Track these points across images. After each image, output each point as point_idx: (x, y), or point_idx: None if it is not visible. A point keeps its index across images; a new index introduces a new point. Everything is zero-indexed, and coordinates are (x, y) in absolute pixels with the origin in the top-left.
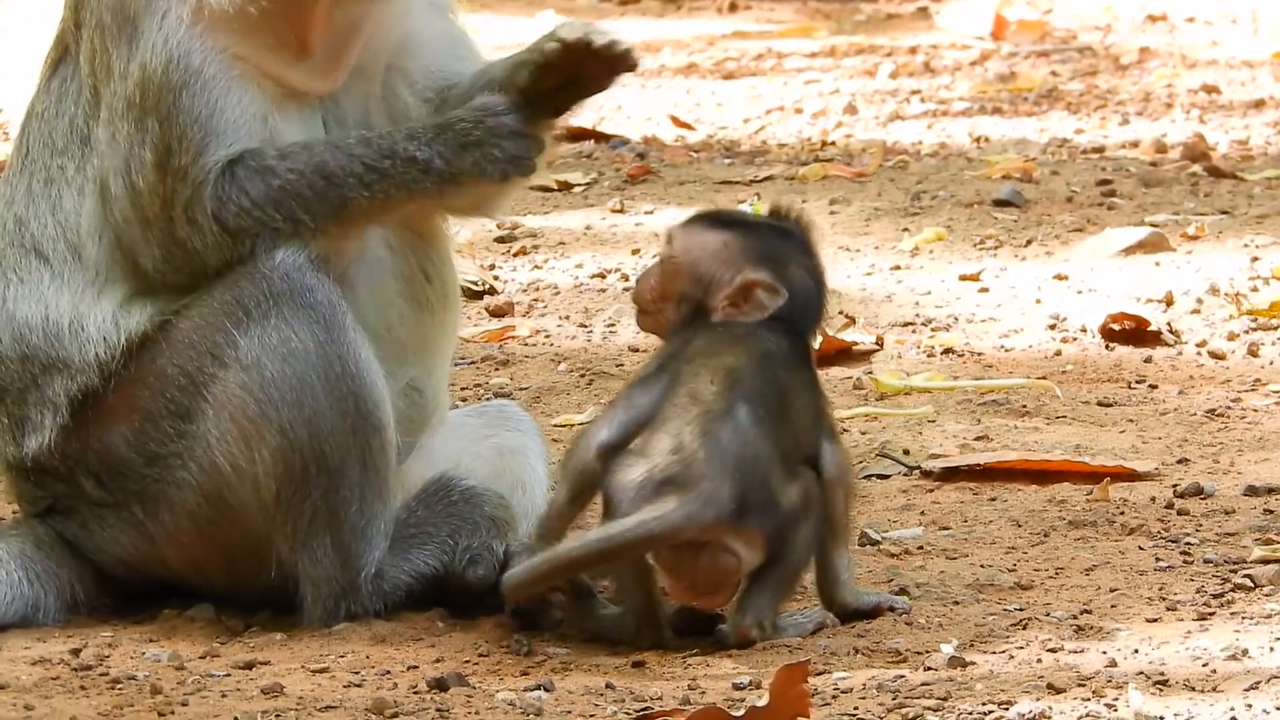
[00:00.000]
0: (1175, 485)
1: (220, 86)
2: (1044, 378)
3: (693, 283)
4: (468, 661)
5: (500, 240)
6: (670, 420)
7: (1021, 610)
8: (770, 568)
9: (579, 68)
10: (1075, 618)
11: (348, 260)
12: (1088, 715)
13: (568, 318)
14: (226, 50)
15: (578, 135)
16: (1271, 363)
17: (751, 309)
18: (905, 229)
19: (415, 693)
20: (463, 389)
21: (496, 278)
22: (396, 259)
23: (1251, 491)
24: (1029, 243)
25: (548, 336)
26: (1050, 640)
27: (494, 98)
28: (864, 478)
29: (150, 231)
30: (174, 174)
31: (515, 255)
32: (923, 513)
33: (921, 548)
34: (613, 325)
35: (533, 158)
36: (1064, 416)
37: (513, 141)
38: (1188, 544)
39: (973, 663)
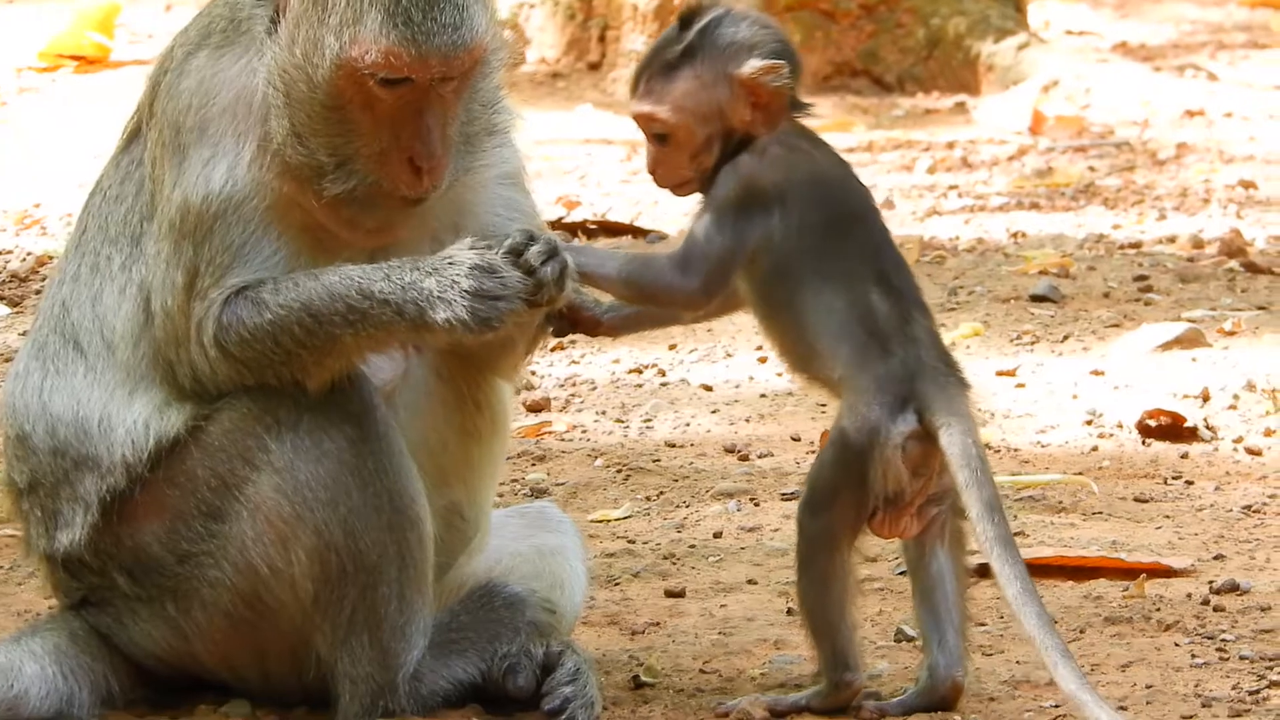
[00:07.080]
0: (1211, 581)
1: (259, 218)
2: (1080, 474)
3: (707, 122)
4: None
5: None
6: None
7: (1057, 707)
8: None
9: None
10: None
11: (393, 385)
12: None
13: (604, 413)
14: (272, 187)
15: (614, 230)
16: None
17: (774, 97)
18: (942, 324)
19: None
20: (499, 485)
21: (534, 373)
22: (445, 387)
23: None
24: (1066, 338)
25: (584, 432)
26: None
27: (468, 251)
28: (899, 574)
29: (182, 351)
30: (196, 296)
31: (552, 350)
32: None
33: None
34: (649, 420)
35: (495, 316)
36: (1100, 513)
37: (475, 298)
38: (1223, 640)
39: None
